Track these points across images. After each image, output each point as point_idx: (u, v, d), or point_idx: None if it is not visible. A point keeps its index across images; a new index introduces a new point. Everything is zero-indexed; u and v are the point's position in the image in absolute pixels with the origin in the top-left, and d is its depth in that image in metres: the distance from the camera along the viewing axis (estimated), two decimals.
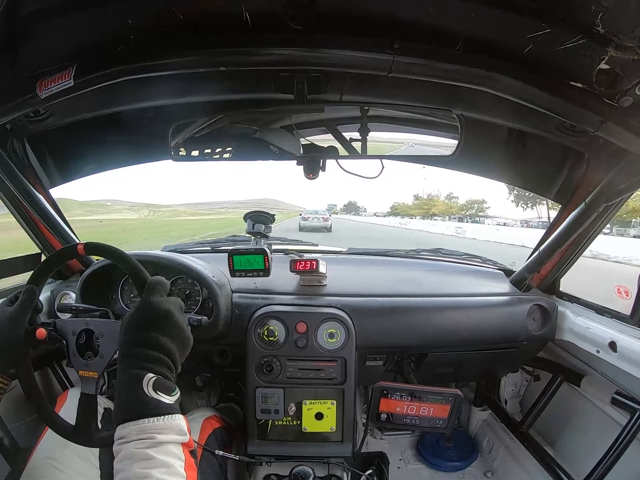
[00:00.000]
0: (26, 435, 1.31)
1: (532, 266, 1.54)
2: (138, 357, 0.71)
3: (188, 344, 0.79)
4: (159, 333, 0.73)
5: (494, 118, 1.17)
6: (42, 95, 0.87)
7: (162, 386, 0.69)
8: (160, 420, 0.66)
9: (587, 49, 0.74)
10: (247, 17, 0.78)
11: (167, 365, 0.73)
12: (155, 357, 0.71)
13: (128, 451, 0.64)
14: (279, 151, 1.23)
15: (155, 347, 0.72)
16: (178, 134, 1.23)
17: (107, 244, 0.91)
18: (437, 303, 1.49)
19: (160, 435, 0.65)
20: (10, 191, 1.30)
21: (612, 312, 1.36)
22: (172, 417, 0.68)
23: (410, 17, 0.80)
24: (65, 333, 0.91)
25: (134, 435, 0.64)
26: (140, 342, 0.72)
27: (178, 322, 0.77)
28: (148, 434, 0.65)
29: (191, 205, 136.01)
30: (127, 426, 0.65)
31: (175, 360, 0.75)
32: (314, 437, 1.38)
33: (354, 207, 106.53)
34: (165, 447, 0.65)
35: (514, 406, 1.91)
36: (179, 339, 0.76)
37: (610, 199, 1.16)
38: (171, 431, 0.67)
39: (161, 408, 0.67)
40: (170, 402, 0.69)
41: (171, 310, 0.77)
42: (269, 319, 1.37)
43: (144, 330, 0.74)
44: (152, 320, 0.75)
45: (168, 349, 0.73)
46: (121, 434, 0.66)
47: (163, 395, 0.68)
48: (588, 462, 1.32)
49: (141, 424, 0.65)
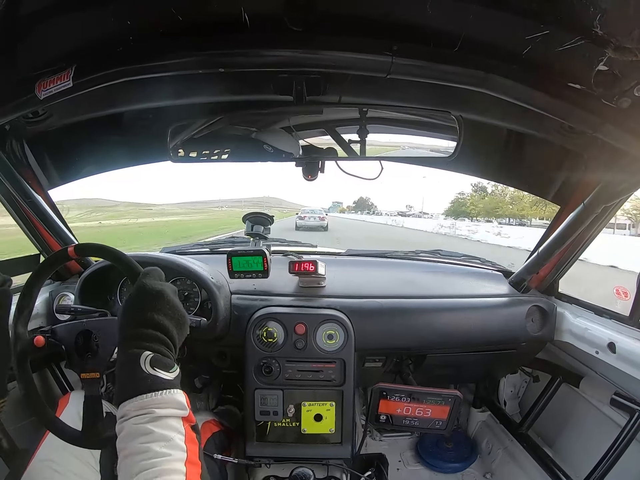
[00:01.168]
0: (25, 436, 1.30)
1: (531, 267, 1.54)
2: (135, 337, 0.70)
3: (185, 322, 0.78)
4: (155, 312, 0.73)
5: (492, 119, 1.18)
6: (41, 96, 0.87)
7: (159, 363, 0.68)
8: (158, 395, 0.66)
9: (586, 51, 0.74)
10: (246, 19, 0.78)
11: (164, 342, 0.72)
12: (152, 335, 0.71)
13: (129, 428, 0.64)
14: (278, 152, 1.23)
15: (151, 325, 0.72)
16: (177, 135, 1.23)
17: (98, 243, 0.91)
18: (436, 304, 1.49)
19: (159, 410, 0.65)
20: (9, 192, 1.30)
21: (611, 313, 1.37)
22: (170, 392, 0.67)
23: (409, 19, 0.80)
24: (63, 338, 0.91)
25: (134, 411, 0.64)
26: (136, 323, 0.72)
27: (173, 301, 0.76)
28: (147, 409, 0.64)
29: (183, 204, 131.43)
30: (127, 404, 0.65)
31: (173, 338, 0.74)
32: (313, 438, 1.38)
33: (365, 205, 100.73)
34: (164, 421, 0.65)
35: (513, 407, 1.91)
36: (175, 318, 0.75)
37: (609, 200, 1.16)
38: (170, 405, 0.66)
39: (159, 383, 0.67)
40: (168, 377, 0.68)
41: (164, 289, 0.76)
42: (267, 321, 1.37)
43: (138, 310, 0.73)
44: (146, 300, 0.74)
45: (165, 327, 0.73)
46: (122, 413, 0.66)
47: (161, 371, 0.68)
48: (587, 463, 1.32)
49: (139, 400, 0.65)
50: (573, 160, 1.28)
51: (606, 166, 1.11)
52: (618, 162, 1.05)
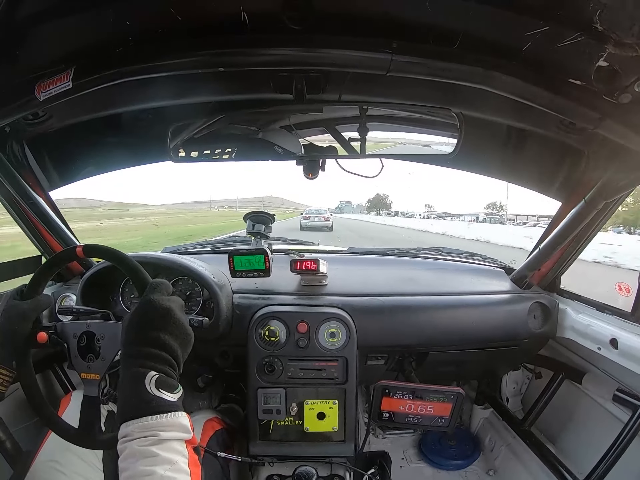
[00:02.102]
0: (28, 438, 1.31)
1: (533, 264, 1.54)
2: (140, 355, 0.71)
3: (189, 342, 0.79)
4: (161, 331, 0.73)
5: (493, 116, 1.17)
6: (40, 98, 0.87)
7: (164, 384, 0.69)
8: (163, 418, 0.66)
9: (586, 46, 0.74)
10: (245, 18, 0.78)
11: (169, 363, 0.72)
12: (157, 355, 0.71)
13: (132, 449, 0.64)
14: (278, 151, 1.23)
15: (157, 345, 0.72)
16: (177, 135, 1.23)
17: (107, 246, 0.91)
18: (438, 302, 1.49)
19: (163, 433, 0.65)
20: (10, 194, 1.30)
21: (613, 309, 1.36)
22: (175, 415, 0.68)
23: (408, 16, 0.80)
24: (66, 336, 0.91)
25: (137, 433, 0.64)
26: (142, 341, 0.72)
27: (179, 320, 0.77)
28: (151, 431, 0.65)
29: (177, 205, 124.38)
30: (131, 424, 0.65)
31: (178, 358, 0.75)
32: (316, 437, 1.38)
33: (384, 204, 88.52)
34: (168, 444, 0.65)
35: (516, 404, 1.91)
36: (181, 337, 0.76)
37: (610, 196, 1.16)
38: (174, 428, 0.67)
39: (164, 406, 0.67)
40: (173, 399, 0.69)
41: (172, 308, 0.77)
42: (270, 319, 1.37)
43: (145, 328, 0.73)
44: (153, 319, 0.74)
45: (170, 347, 0.73)
46: (124, 432, 0.66)
47: (165, 393, 0.68)
48: (590, 459, 1.32)
49: (144, 421, 0.65)
50: (574, 156, 1.28)
51: (607, 162, 1.11)
52: (619, 157, 1.05)
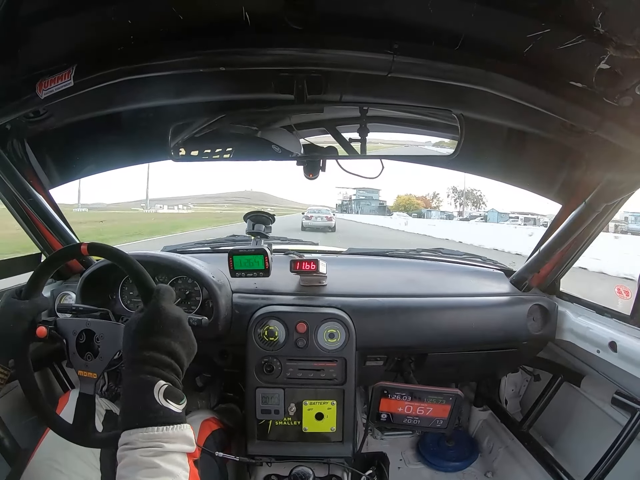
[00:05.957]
0: (26, 436, 1.31)
1: (532, 266, 1.54)
2: (149, 362, 0.70)
3: (194, 352, 0.79)
4: (171, 339, 0.73)
5: (493, 118, 1.18)
6: (42, 96, 0.88)
7: (172, 394, 0.68)
8: (170, 430, 0.66)
9: (587, 49, 0.74)
10: (247, 17, 0.78)
11: (176, 372, 0.72)
12: (167, 363, 0.71)
13: (133, 458, 0.63)
14: (279, 151, 1.23)
15: (168, 352, 0.72)
16: (178, 134, 1.23)
17: (111, 246, 0.91)
18: (437, 303, 1.49)
19: (167, 445, 0.65)
20: (10, 191, 1.30)
21: (613, 312, 1.36)
22: (180, 427, 0.67)
23: (410, 17, 0.80)
24: (65, 332, 0.90)
25: (141, 442, 0.64)
26: (152, 347, 0.71)
27: (188, 330, 0.78)
28: (156, 442, 0.64)
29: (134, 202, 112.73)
30: (135, 433, 0.65)
31: (183, 367, 0.75)
32: (314, 437, 1.38)
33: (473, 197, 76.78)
34: (171, 457, 0.65)
35: (514, 406, 1.91)
36: (188, 347, 0.76)
37: (611, 199, 1.16)
38: (179, 441, 0.66)
39: (170, 417, 0.67)
40: (178, 411, 0.69)
41: (182, 317, 0.77)
42: (269, 319, 1.37)
43: (156, 335, 0.73)
44: (164, 326, 0.74)
45: (179, 356, 0.73)
46: (127, 440, 0.65)
47: (172, 403, 0.68)
48: (588, 462, 1.32)
49: (150, 431, 0.64)
50: (574, 158, 1.28)
51: (607, 165, 1.11)
52: (619, 160, 1.05)
